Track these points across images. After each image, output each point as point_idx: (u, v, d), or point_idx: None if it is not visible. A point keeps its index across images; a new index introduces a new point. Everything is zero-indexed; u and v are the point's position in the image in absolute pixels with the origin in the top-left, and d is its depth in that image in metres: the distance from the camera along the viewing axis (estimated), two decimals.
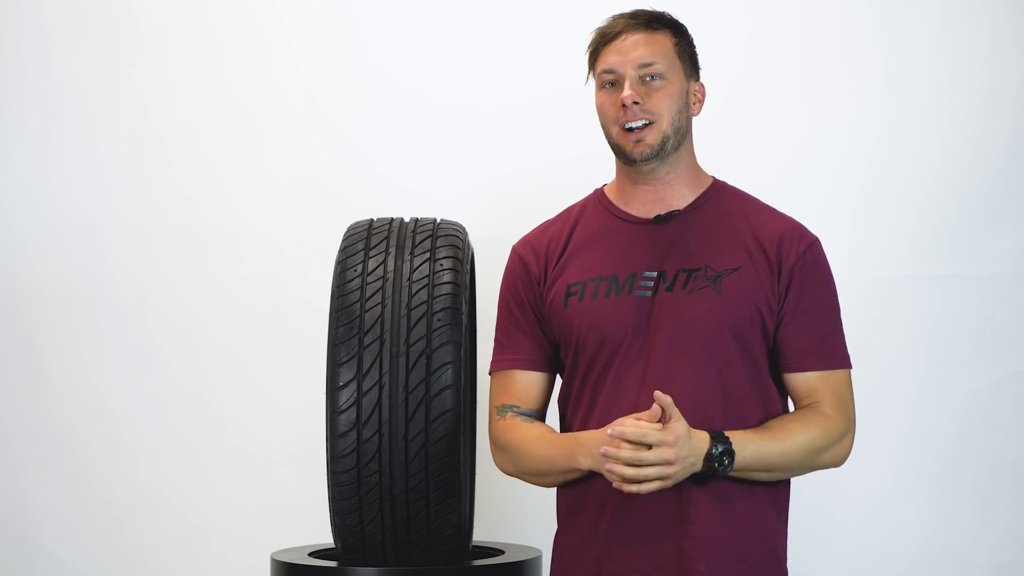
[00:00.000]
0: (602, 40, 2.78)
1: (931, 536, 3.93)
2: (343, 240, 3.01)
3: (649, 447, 2.54)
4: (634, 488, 2.55)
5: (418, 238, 3.00)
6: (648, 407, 2.60)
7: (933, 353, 3.92)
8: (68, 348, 4.12)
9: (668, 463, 2.54)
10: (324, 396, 2.89)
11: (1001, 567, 3.93)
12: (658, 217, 2.78)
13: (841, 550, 3.89)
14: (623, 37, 2.75)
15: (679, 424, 2.55)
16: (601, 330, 2.74)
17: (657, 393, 2.55)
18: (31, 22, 4.13)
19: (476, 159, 4.04)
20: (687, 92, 2.78)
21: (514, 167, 4.01)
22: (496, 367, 2.88)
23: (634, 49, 2.74)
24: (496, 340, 2.90)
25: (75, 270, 4.12)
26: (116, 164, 4.13)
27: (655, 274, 2.73)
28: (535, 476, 2.80)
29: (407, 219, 3.08)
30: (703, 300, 2.69)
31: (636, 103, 2.72)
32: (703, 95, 2.83)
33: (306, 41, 4.12)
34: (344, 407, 2.85)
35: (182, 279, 4.10)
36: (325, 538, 3.24)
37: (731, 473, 2.62)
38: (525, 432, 2.79)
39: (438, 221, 3.08)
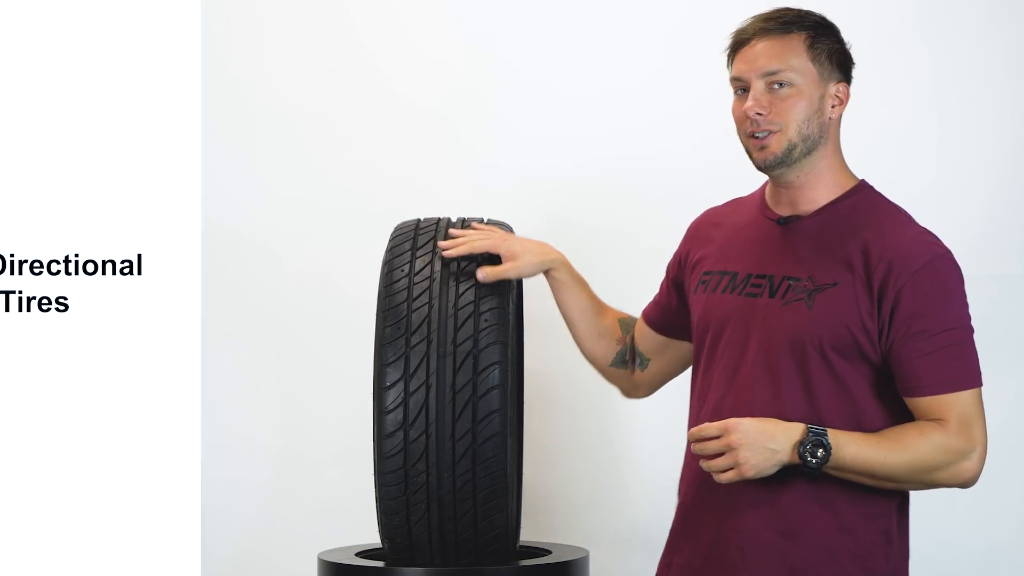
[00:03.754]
0: (735, 45, 2.73)
1: (976, 536, 3.91)
2: (390, 240, 3.01)
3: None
4: (719, 479, 2.61)
5: None
6: (727, 411, 2.67)
7: (982, 352, 3.89)
8: None
9: (731, 448, 2.57)
10: (371, 396, 2.89)
11: None
12: (780, 219, 2.74)
13: None
14: (752, 43, 2.69)
15: (736, 419, 2.60)
16: (707, 325, 2.78)
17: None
18: None
19: (523, 158, 4.03)
20: (823, 96, 2.69)
21: (562, 165, 4.00)
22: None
23: (761, 57, 2.68)
24: None
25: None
26: None
27: (766, 277, 2.72)
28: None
29: (454, 219, 3.08)
30: (794, 313, 2.66)
31: (760, 114, 2.68)
32: (846, 96, 2.73)
33: (358, 37, 4.12)
34: (391, 407, 2.85)
35: (230, 276, 4.11)
36: (372, 538, 3.24)
37: (833, 472, 2.60)
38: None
39: (485, 220, 3.08)
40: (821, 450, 2.57)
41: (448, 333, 2.87)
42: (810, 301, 2.65)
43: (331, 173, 4.10)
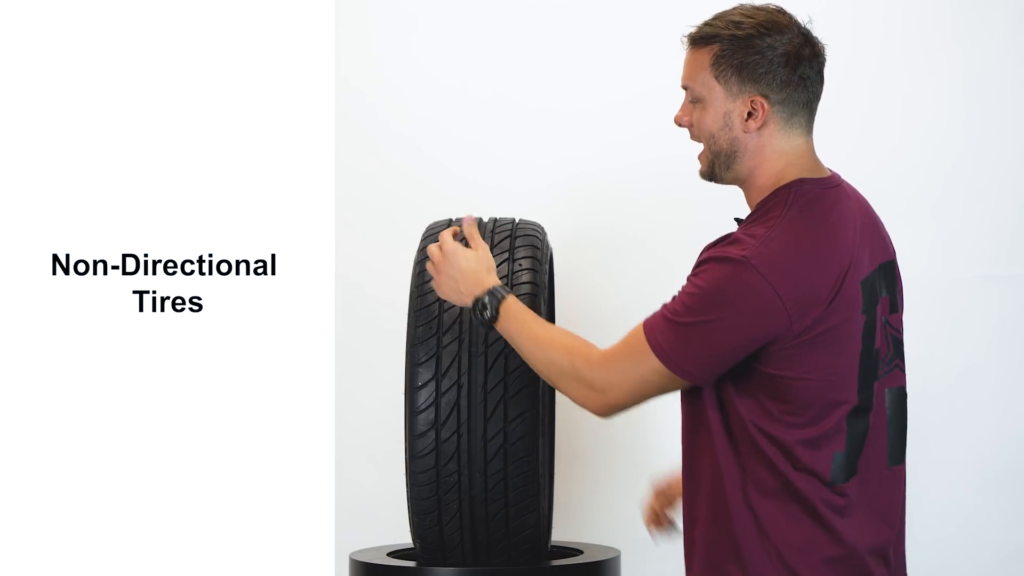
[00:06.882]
0: None
1: (1009, 535, 3.90)
2: (421, 240, 3.02)
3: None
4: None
5: (496, 238, 3.00)
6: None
7: (1014, 352, 3.89)
8: None
9: (436, 265, 2.72)
10: (403, 396, 2.90)
11: None
12: (736, 219, 2.69)
13: (919, 550, 3.86)
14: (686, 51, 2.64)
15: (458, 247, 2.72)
16: None
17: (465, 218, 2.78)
18: None
19: (555, 160, 4.03)
20: (728, 113, 2.54)
21: (594, 168, 4.00)
22: None
23: (684, 68, 2.62)
24: None
25: None
26: None
27: None
28: None
29: (486, 219, 3.08)
30: None
31: (681, 126, 2.63)
32: (760, 109, 2.53)
33: (385, 41, 4.13)
34: (423, 407, 2.86)
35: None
36: (404, 538, 3.25)
37: (499, 332, 2.66)
38: None
39: (517, 221, 3.08)
40: (487, 311, 2.65)
41: (479, 332, 2.87)
42: None
43: (361, 174, 4.11)
